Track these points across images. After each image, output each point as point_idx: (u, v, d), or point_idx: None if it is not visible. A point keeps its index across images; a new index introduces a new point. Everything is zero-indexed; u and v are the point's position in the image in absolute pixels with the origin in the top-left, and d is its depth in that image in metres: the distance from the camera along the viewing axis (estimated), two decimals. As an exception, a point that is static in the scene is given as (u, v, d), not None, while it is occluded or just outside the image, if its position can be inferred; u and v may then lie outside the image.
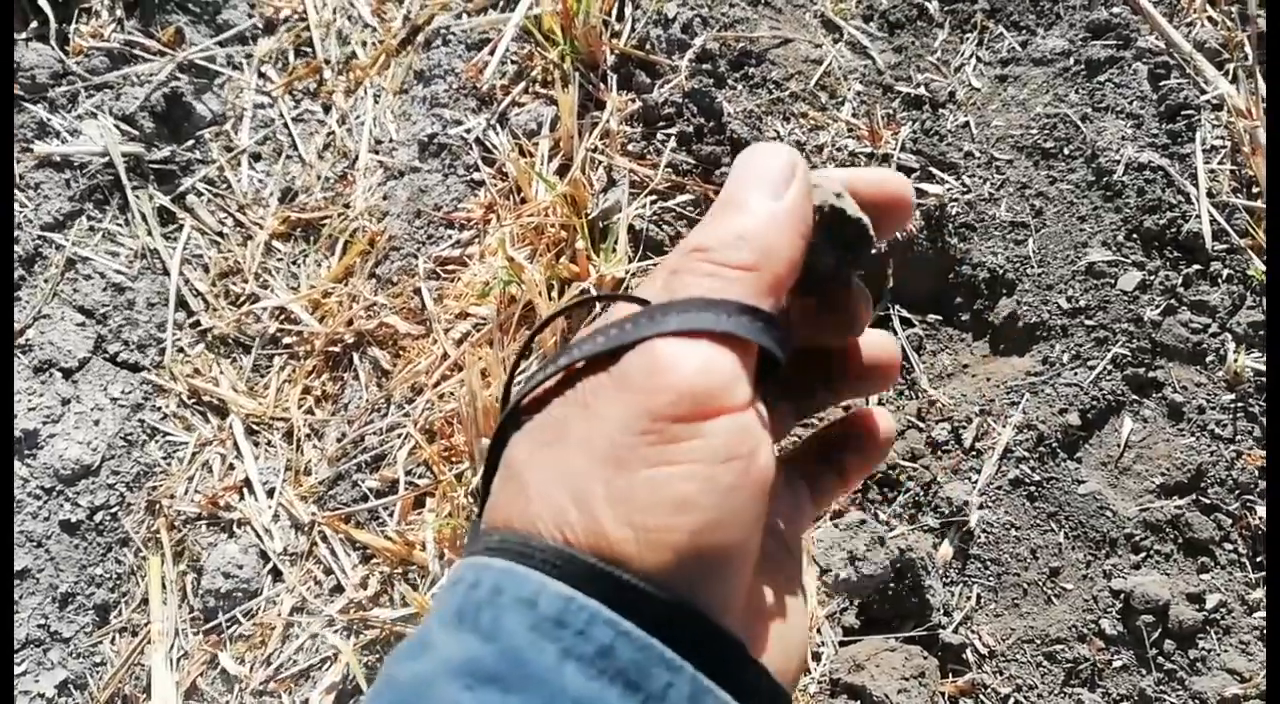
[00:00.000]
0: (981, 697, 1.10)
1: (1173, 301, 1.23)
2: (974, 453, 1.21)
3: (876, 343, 0.40)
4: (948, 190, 1.34)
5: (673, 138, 1.31)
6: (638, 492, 0.28)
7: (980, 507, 1.18)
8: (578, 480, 0.29)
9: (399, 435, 1.21)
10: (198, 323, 1.34)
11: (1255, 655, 1.10)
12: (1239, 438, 1.18)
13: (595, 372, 0.31)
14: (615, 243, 1.23)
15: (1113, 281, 1.25)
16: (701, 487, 0.28)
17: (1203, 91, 1.35)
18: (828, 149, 1.35)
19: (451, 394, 1.21)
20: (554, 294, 1.20)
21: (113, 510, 1.23)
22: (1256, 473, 1.16)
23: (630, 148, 1.31)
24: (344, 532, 1.18)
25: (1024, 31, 1.48)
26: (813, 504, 0.40)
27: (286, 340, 1.33)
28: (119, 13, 1.50)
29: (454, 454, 1.17)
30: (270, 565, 1.19)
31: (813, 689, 1.08)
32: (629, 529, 0.28)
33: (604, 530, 0.28)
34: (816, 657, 1.11)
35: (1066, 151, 1.35)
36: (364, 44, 1.54)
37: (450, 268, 1.30)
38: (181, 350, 1.33)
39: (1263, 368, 1.19)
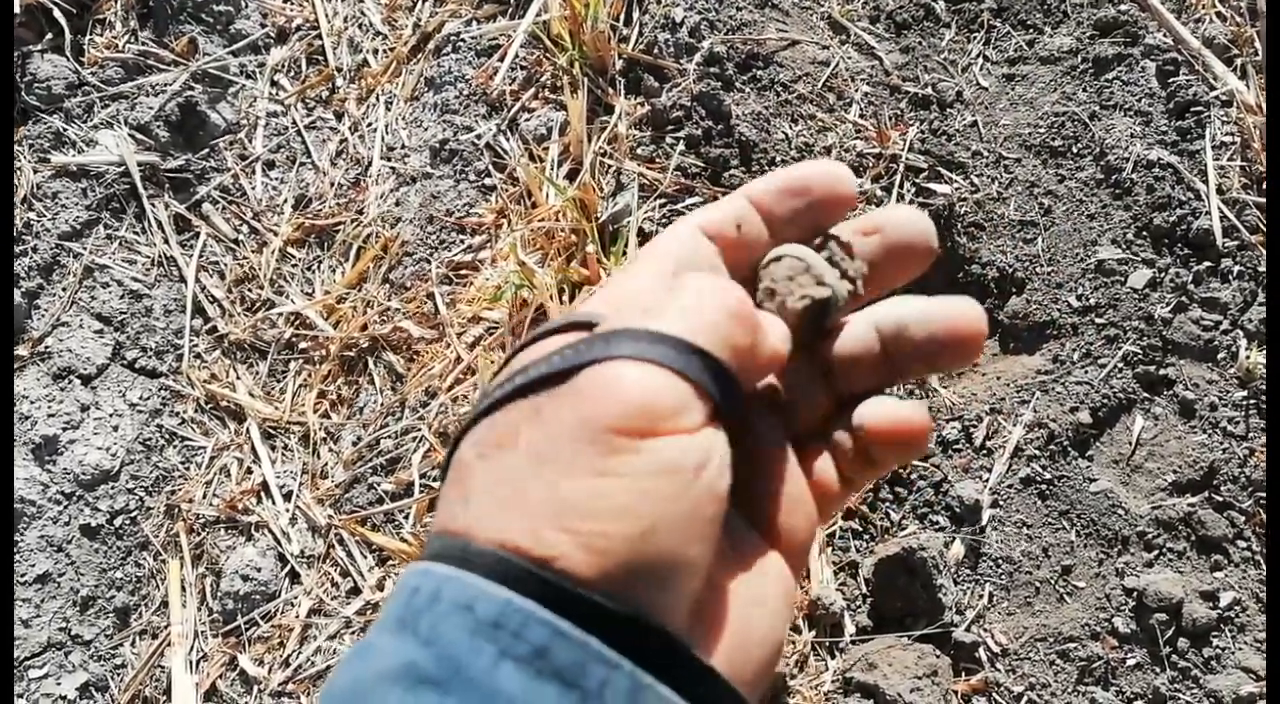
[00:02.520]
0: (995, 695, 1.10)
1: (1183, 299, 1.23)
2: (985, 452, 1.21)
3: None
4: (956, 190, 1.34)
5: (681, 141, 1.32)
6: (579, 498, 0.29)
7: (992, 505, 1.18)
8: (519, 484, 0.30)
9: (414, 439, 1.22)
10: (214, 329, 1.36)
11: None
12: (1251, 435, 1.18)
13: (549, 385, 0.32)
14: (625, 246, 1.24)
15: (1123, 279, 1.26)
16: (640, 497, 0.29)
17: (1212, 87, 1.35)
18: (836, 150, 1.35)
19: (465, 397, 1.22)
20: (565, 298, 1.21)
21: (132, 515, 1.25)
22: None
23: (639, 151, 1.32)
24: (360, 534, 1.19)
25: (1031, 30, 1.48)
26: (814, 504, 0.39)
27: (302, 345, 1.34)
28: (133, 24, 1.52)
29: (467, 457, 1.18)
30: (288, 568, 1.20)
31: (827, 687, 1.09)
32: (566, 534, 0.28)
33: (541, 535, 0.28)
34: (831, 654, 1.12)
35: (1075, 150, 1.35)
36: (375, 52, 1.55)
37: (463, 272, 1.32)
38: (199, 356, 1.35)
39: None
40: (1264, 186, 1.28)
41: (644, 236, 1.25)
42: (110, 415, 1.28)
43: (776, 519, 0.37)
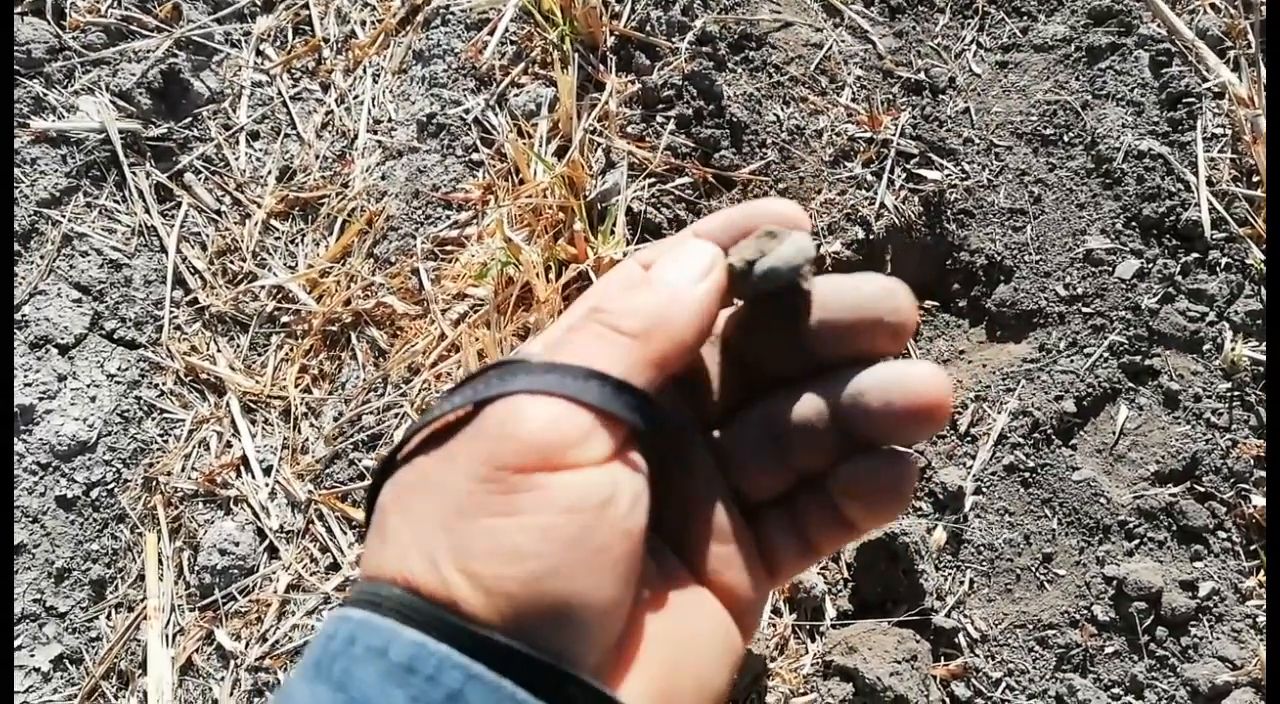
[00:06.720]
0: (973, 680, 1.10)
1: (1170, 290, 1.23)
2: (969, 439, 1.21)
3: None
4: (946, 176, 1.33)
5: (672, 120, 1.31)
6: (475, 540, 0.28)
7: (975, 492, 1.18)
8: (425, 527, 0.29)
9: (396, 415, 1.21)
10: (195, 301, 1.34)
11: (1247, 643, 1.10)
12: (1234, 426, 1.18)
13: (457, 426, 0.31)
14: (613, 225, 1.22)
15: (1111, 269, 1.25)
16: (537, 537, 0.28)
17: (1204, 79, 1.35)
18: (827, 133, 1.34)
19: (449, 375, 1.21)
20: (551, 276, 1.20)
21: (109, 487, 1.23)
22: (1252, 461, 1.17)
23: (629, 130, 1.31)
24: (340, 510, 1.18)
25: (1025, 17, 1.47)
26: (763, 566, 0.37)
27: (284, 319, 1.33)
28: (117, -12, 1.49)
29: (450, 434, 1.17)
30: (267, 543, 1.19)
31: (806, 670, 1.09)
32: (464, 576, 0.28)
33: (443, 577, 0.28)
34: (812, 637, 1.12)
35: (1066, 138, 1.35)
36: (363, 23, 1.53)
37: (448, 248, 1.30)
38: (179, 328, 1.33)
39: (1260, 357, 1.19)
40: (1253, 179, 1.28)
41: (632, 215, 1.24)
42: (88, 386, 1.26)
43: (708, 566, 0.36)
